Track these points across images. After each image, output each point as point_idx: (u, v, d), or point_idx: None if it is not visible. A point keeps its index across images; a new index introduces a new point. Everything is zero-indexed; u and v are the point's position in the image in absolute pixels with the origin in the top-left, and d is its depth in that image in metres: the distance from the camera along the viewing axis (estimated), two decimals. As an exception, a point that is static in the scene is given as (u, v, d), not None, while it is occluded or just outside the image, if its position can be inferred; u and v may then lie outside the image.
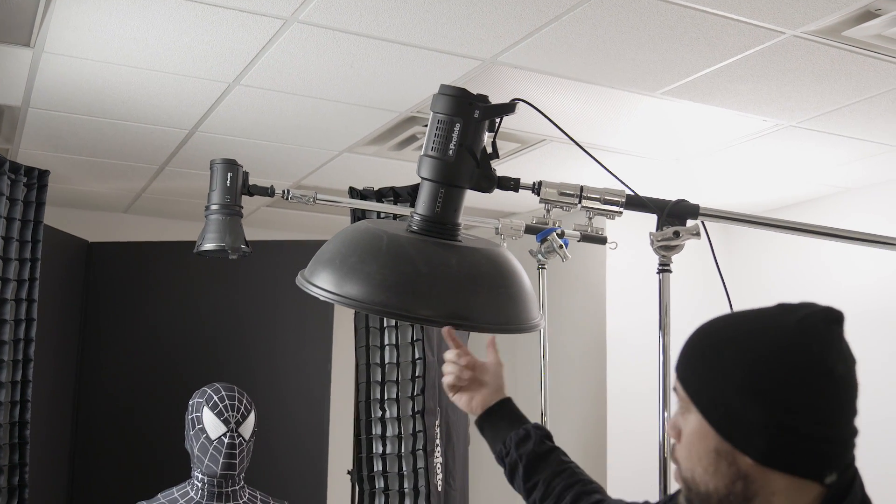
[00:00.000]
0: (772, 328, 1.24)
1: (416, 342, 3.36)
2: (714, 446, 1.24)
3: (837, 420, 1.22)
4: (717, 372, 1.25)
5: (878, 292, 4.01)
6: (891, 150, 3.71)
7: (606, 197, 1.94)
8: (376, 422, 3.41)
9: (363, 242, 1.79)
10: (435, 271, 1.75)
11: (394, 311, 1.75)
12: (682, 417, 1.30)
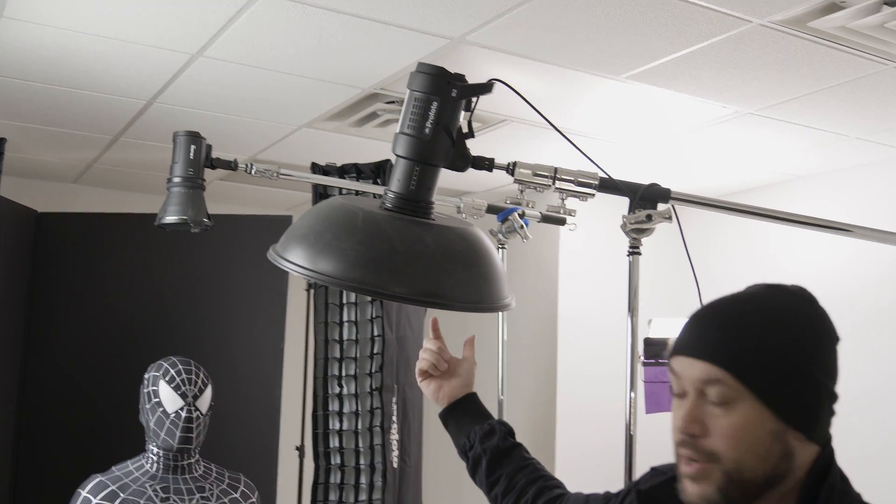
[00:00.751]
0: (792, 303, 1.29)
1: (374, 319, 3.36)
2: (770, 429, 1.22)
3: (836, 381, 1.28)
4: (774, 352, 1.24)
5: (830, 278, 4.09)
6: (845, 139, 3.78)
7: (580, 179, 1.96)
8: (333, 398, 3.41)
9: (338, 219, 1.78)
10: (411, 249, 1.75)
11: (368, 288, 1.74)
12: (717, 409, 1.25)
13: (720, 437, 1.23)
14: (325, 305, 3.44)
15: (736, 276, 2.03)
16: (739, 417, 1.22)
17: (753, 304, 1.30)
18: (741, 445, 1.22)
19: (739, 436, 1.22)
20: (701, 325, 1.30)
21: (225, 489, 2.79)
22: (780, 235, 4.50)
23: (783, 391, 1.22)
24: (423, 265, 1.74)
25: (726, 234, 4.71)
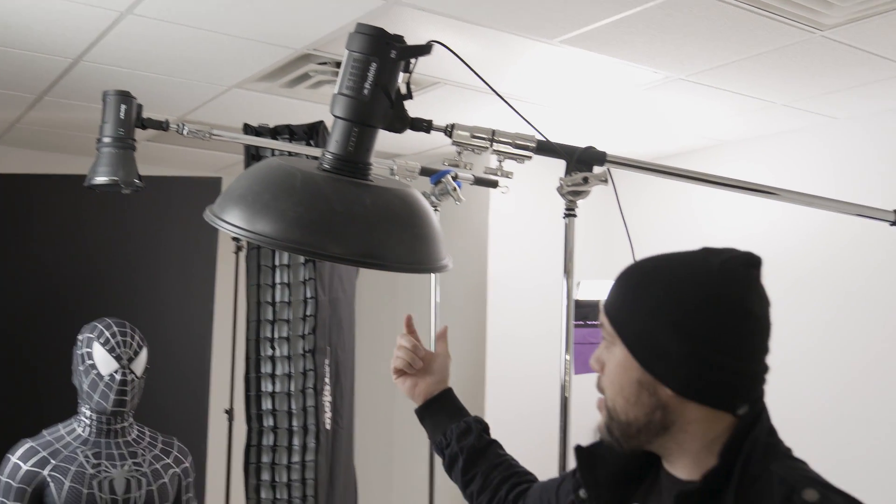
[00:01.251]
0: (697, 269, 1.32)
1: (307, 281, 3.35)
2: (637, 378, 1.32)
3: (751, 356, 1.31)
4: (643, 308, 1.32)
5: (758, 241, 4.18)
6: (772, 106, 3.86)
7: (517, 141, 1.97)
8: (266, 360, 3.40)
9: (277, 179, 1.77)
10: (350, 210, 1.75)
11: (307, 248, 1.74)
12: (607, 351, 1.38)
13: (604, 375, 1.38)
14: (257, 267, 3.42)
15: (664, 239, 2.07)
16: (614, 360, 1.35)
17: (657, 264, 1.37)
18: (613, 386, 1.35)
19: (611, 376, 1.36)
20: (615, 278, 1.41)
21: (157, 455, 2.78)
22: (708, 199, 4.58)
23: (647, 346, 1.31)
24: (362, 226, 1.75)
25: (657, 198, 4.78)
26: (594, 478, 1.46)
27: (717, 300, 1.30)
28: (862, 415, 3.81)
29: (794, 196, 2.36)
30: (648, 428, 1.33)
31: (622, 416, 1.35)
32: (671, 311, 1.30)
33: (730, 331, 1.29)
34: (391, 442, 5.21)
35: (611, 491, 1.45)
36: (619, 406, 1.35)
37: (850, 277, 3.96)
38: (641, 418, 1.33)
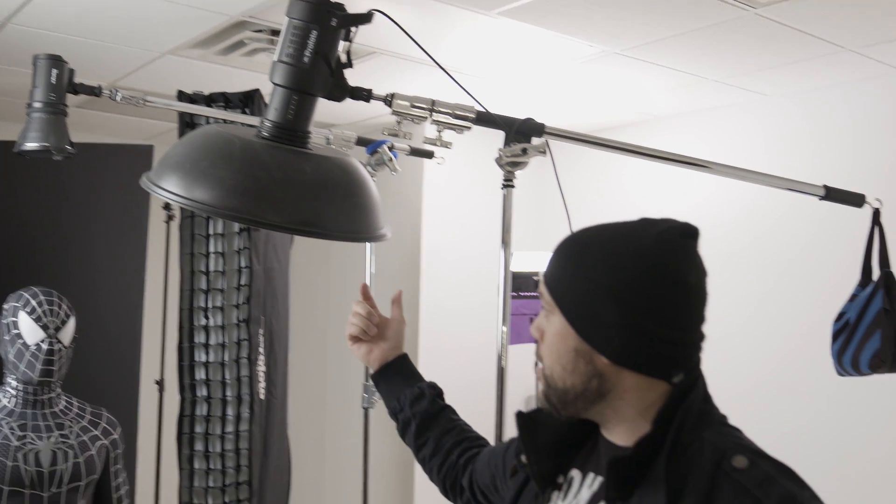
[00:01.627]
0: (633, 239, 1.34)
1: (242, 251, 3.33)
2: (574, 346, 1.34)
3: (686, 325, 1.34)
4: (580, 277, 1.34)
5: (692, 215, 4.24)
6: (704, 81, 3.91)
7: (457, 112, 1.98)
8: (200, 330, 3.38)
9: (215, 147, 1.76)
10: (289, 178, 1.74)
11: (246, 216, 1.73)
12: (546, 320, 1.40)
13: (543, 344, 1.40)
14: (190, 236, 3.38)
15: (599, 211, 2.10)
16: (553, 329, 1.37)
17: (594, 234, 1.39)
18: (551, 354, 1.38)
19: (550, 345, 1.38)
20: (554, 249, 1.43)
21: (85, 426, 2.75)
22: (643, 173, 4.64)
23: (583, 315, 1.33)
24: (302, 194, 1.74)
25: (593, 171, 4.83)
26: (534, 443, 1.47)
27: (653, 270, 1.31)
28: (796, 386, 3.90)
29: (726, 169, 2.40)
30: (585, 395, 1.35)
31: (559, 383, 1.37)
32: (607, 281, 1.31)
33: (665, 301, 1.31)
34: (324, 412, 5.21)
35: (550, 456, 1.47)
36: (556, 374, 1.37)
37: (782, 251, 4.04)
38: (578, 386, 1.35)
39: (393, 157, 3.22)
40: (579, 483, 1.43)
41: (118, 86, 4.32)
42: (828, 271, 3.76)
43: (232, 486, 3.35)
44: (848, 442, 3.70)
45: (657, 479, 1.26)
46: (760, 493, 1.20)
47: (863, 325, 2.48)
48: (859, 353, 2.47)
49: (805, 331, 3.84)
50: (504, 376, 2.08)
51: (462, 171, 4.84)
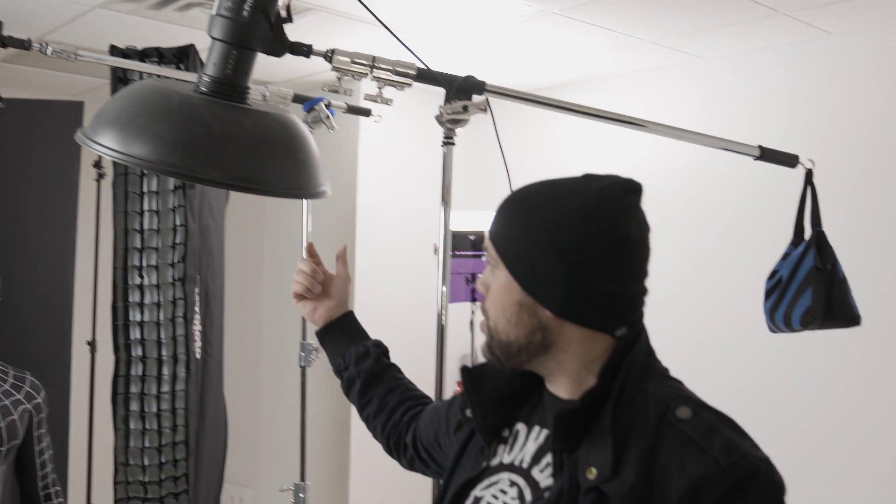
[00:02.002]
0: (577, 194, 1.36)
1: (177, 209, 3.29)
2: (518, 299, 1.36)
3: (629, 279, 1.36)
4: (524, 230, 1.35)
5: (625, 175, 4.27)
6: (640, 42, 3.93)
7: (397, 68, 1.97)
8: (134, 289, 3.34)
9: (153, 101, 1.72)
10: (229, 134, 1.72)
11: (184, 172, 1.70)
12: (491, 274, 1.41)
13: (488, 298, 1.42)
14: (124, 194, 3.33)
15: (535, 171, 2.11)
16: (497, 283, 1.39)
17: (538, 189, 1.41)
18: (496, 307, 1.39)
19: (494, 298, 1.40)
20: (499, 205, 1.44)
21: (7, 390, 2.69)
22: (579, 133, 4.67)
23: (528, 268, 1.35)
24: (242, 150, 1.72)
25: (530, 131, 4.84)
26: (479, 397, 1.49)
27: (596, 225, 1.33)
28: (735, 343, 3.96)
29: (662, 129, 2.43)
30: (528, 348, 1.37)
31: (503, 336, 1.39)
32: (551, 236, 1.33)
33: (608, 255, 1.33)
34: (258, 371, 5.19)
35: (495, 410, 1.49)
36: (500, 326, 1.39)
37: (718, 211, 4.10)
38: (522, 338, 1.37)
39: (330, 115, 3.19)
40: (525, 436, 1.45)
41: (48, 40, 4.21)
42: (762, 231, 3.82)
43: (168, 446, 3.33)
44: (790, 398, 3.77)
45: (603, 431, 1.28)
46: (704, 442, 1.23)
47: (795, 282, 2.54)
48: (791, 310, 2.53)
49: (741, 289, 3.90)
50: (444, 334, 2.09)
51: (398, 130, 4.83)
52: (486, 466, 1.47)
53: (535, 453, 1.40)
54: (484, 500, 1.42)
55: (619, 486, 1.23)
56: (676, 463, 1.22)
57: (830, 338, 3.25)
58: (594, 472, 1.26)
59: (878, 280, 3.44)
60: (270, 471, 5.09)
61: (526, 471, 1.40)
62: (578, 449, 1.30)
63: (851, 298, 2.60)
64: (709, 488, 1.19)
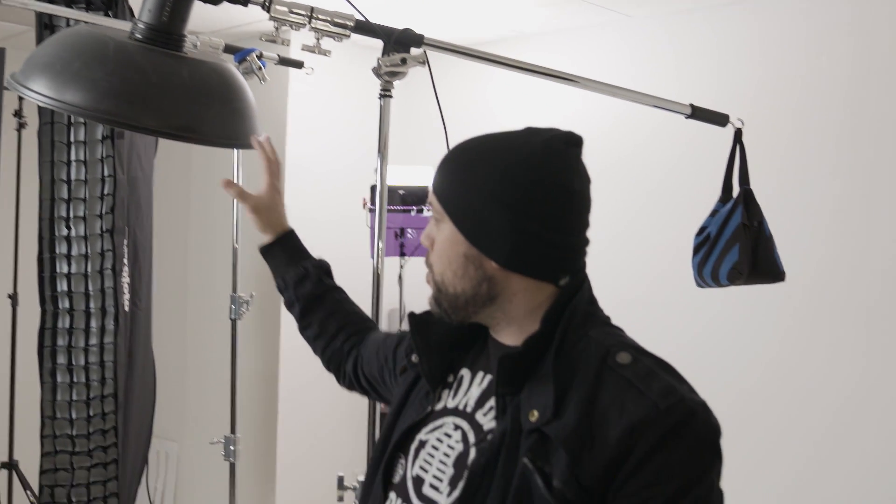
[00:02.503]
0: (519, 146, 1.38)
1: (105, 159, 3.23)
2: (464, 252, 1.38)
3: (572, 230, 1.39)
4: (468, 184, 1.37)
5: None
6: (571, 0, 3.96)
7: (336, 19, 1.95)
8: (61, 240, 3.28)
9: (87, 47, 1.70)
10: (165, 82, 1.70)
11: (120, 119, 1.68)
12: (436, 229, 1.43)
13: (434, 250, 1.43)
14: (50, 144, 3.25)
15: (464, 126, 2.12)
16: (442, 236, 1.41)
17: (482, 142, 1.42)
18: (442, 260, 1.41)
19: (440, 251, 1.42)
20: (442, 159, 1.44)
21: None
22: (511, 88, 4.67)
23: (473, 221, 1.37)
24: (179, 98, 1.71)
25: (462, 86, 4.84)
26: (426, 343, 1.51)
27: (539, 176, 1.35)
28: (668, 300, 4.01)
29: (597, 85, 2.45)
30: (475, 300, 1.39)
31: (450, 288, 1.41)
32: (494, 188, 1.35)
33: (550, 206, 1.36)
34: (185, 324, 5.15)
35: (441, 356, 1.52)
36: (447, 279, 1.41)
37: (648, 169, 4.14)
38: (469, 290, 1.39)
39: (262, 66, 3.16)
40: (469, 381, 1.48)
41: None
42: (691, 188, 3.86)
43: (97, 399, 3.30)
44: (726, 358, 3.83)
45: (545, 375, 1.32)
46: (642, 385, 1.27)
47: (723, 239, 2.59)
48: (719, 266, 2.59)
49: (672, 246, 3.93)
50: (380, 288, 2.10)
51: (328, 83, 4.78)
52: (431, 411, 1.49)
53: (478, 398, 1.43)
54: (429, 444, 1.45)
55: (560, 428, 1.26)
56: (616, 406, 1.26)
57: (761, 295, 3.34)
58: (536, 415, 1.29)
59: (802, 237, 3.52)
60: (196, 425, 5.07)
61: (470, 414, 1.43)
62: (521, 393, 1.34)
63: (777, 255, 2.66)
64: (647, 430, 1.23)
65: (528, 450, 1.28)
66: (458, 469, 1.37)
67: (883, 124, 3.43)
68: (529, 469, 1.27)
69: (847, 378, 3.49)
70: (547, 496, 1.25)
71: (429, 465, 1.43)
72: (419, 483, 1.43)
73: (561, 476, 1.25)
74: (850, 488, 3.46)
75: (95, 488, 3.35)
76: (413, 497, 1.43)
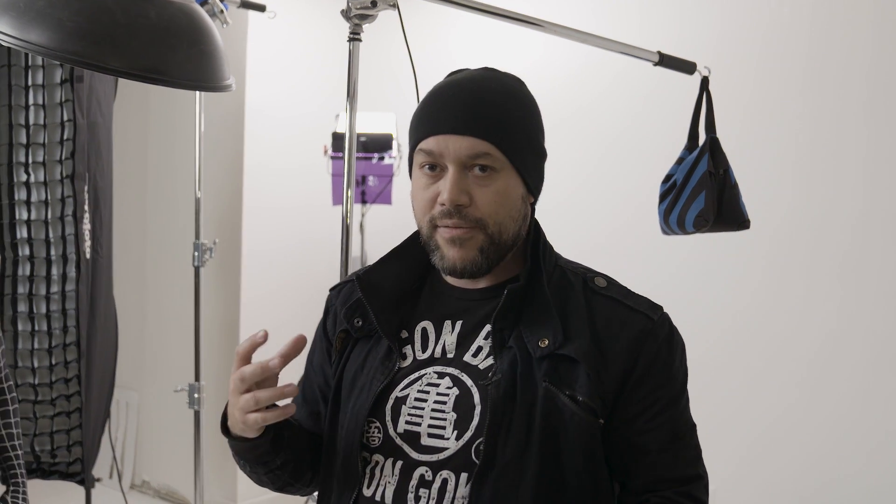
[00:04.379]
0: (520, 84, 1.49)
1: (65, 103, 3.16)
2: (521, 194, 1.42)
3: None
4: (528, 127, 1.43)
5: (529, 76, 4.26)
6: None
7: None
8: (20, 186, 3.21)
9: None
10: (133, 23, 1.67)
11: (86, 60, 1.65)
12: (482, 180, 1.38)
13: (486, 203, 1.37)
14: (8, 87, 3.18)
15: (424, 72, 2.09)
16: (498, 185, 1.38)
17: (503, 84, 1.44)
18: (503, 210, 1.39)
19: (497, 201, 1.38)
20: (464, 106, 1.38)
21: None
22: (473, 32, 4.63)
23: (530, 161, 1.42)
24: (147, 39, 1.68)
25: (424, 30, 4.80)
26: (378, 302, 1.50)
27: (535, 105, 1.47)
28: (634, 249, 4.01)
29: (563, 31, 2.44)
30: (516, 240, 1.45)
31: (506, 236, 1.41)
32: (540, 123, 1.46)
33: (543, 133, 1.48)
34: (144, 272, 5.10)
35: (393, 313, 1.51)
36: (508, 229, 1.40)
37: (613, 116, 4.12)
38: (517, 232, 1.43)
39: (224, 9, 3.11)
40: (435, 331, 1.48)
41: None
42: (657, 136, 3.86)
43: (59, 348, 3.26)
44: (699, 301, 3.84)
45: (541, 304, 1.39)
46: (630, 302, 1.42)
47: (689, 186, 2.61)
48: (685, 213, 2.61)
49: (637, 193, 3.94)
50: (349, 233, 2.09)
51: (287, 28, 4.71)
52: (399, 368, 1.47)
53: (457, 343, 1.44)
54: (410, 398, 1.43)
55: (577, 348, 1.35)
56: (615, 322, 1.39)
57: (728, 244, 3.36)
58: (547, 342, 1.36)
59: (769, 185, 3.54)
60: (156, 374, 5.04)
61: (454, 359, 1.43)
62: (516, 326, 1.40)
63: (741, 203, 2.68)
64: (648, 339, 1.38)
65: (545, 374, 1.35)
66: (463, 410, 1.38)
67: (847, 70, 3.45)
68: (552, 391, 1.34)
69: (819, 326, 3.53)
70: (577, 411, 1.33)
71: (419, 418, 1.41)
72: (413, 437, 1.41)
73: (585, 392, 1.34)
74: (823, 434, 3.52)
75: (59, 437, 3.33)
76: (410, 451, 1.40)
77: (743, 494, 3.66)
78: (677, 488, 1.39)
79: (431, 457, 1.38)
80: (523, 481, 1.32)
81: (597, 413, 1.35)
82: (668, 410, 1.39)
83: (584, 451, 1.35)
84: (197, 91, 1.82)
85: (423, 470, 1.38)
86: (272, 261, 4.70)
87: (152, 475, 5.12)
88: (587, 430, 1.34)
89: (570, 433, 1.34)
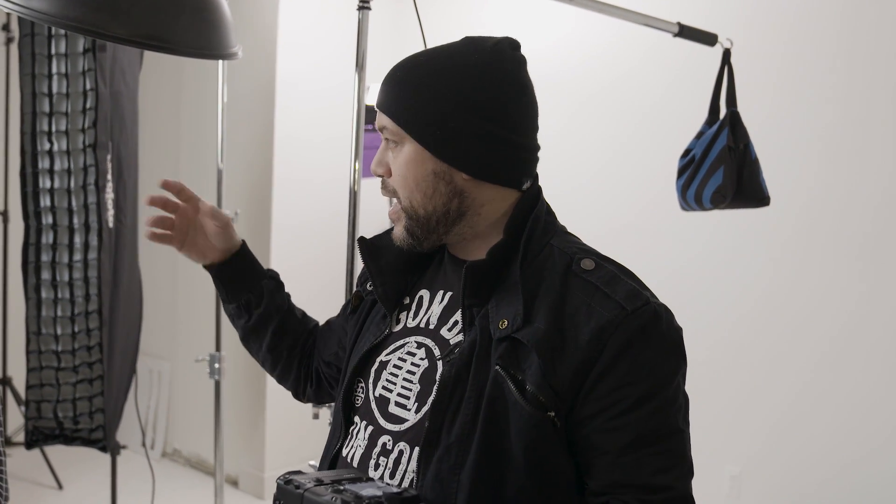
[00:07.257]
0: (472, 53, 1.37)
1: (87, 72, 3.18)
2: (432, 169, 1.36)
3: (531, 131, 1.40)
4: (428, 97, 1.34)
5: (556, 53, 4.24)
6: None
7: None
8: (44, 155, 3.24)
9: (53, -48, 1.66)
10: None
11: (88, 27, 1.65)
12: (390, 153, 1.40)
13: (395, 177, 1.39)
14: (31, 56, 3.20)
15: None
16: (403, 158, 1.37)
17: (429, 56, 1.40)
18: (407, 183, 1.37)
19: (403, 174, 1.37)
20: (385, 80, 1.41)
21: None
22: (502, 8, 4.61)
23: (439, 134, 1.34)
24: (149, 6, 1.68)
25: (451, 5, 4.77)
26: (378, 267, 1.51)
27: (499, 77, 1.35)
28: (659, 225, 3.97)
29: (583, 2, 2.40)
30: (447, 218, 1.38)
31: (421, 211, 1.38)
32: (459, 95, 1.33)
33: (512, 106, 1.36)
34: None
35: (395, 278, 1.51)
36: (417, 202, 1.38)
37: (641, 92, 4.07)
38: (440, 209, 1.37)
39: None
40: (429, 300, 1.47)
41: None
42: (683, 112, 3.80)
43: (82, 315, 3.30)
44: (723, 280, 3.81)
45: (512, 284, 1.34)
46: (608, 289, 1.30)
47: (707, 161, 2.57)
48: (703, 189, 2.57)
49: (664, 171, 3.88)
50: (357, 209, 2.08)
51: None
52: (389, 333, 1.49)
53: (441, 314, 1.43)
54: (390, 364, 1.45)
55: (531, 333, 1.28)
56: (584, 309, 1.29)
57: (753, 222, 3.31)
58: (506, 323, 1.30)
59: (794, 162, 3.49)
60: (188, 343, 5.09)
61: (433, 331, 1.43)
62: (488, 303, 1.35)
63: (762, 179, 2.64)
64: (616, 331, 1.26)
65: (499, 357, 1.29)
66: (426, 384, 1.38)
67: (878, 48, 3.38)
68: (501, 375, 1.29)
69: (840, 307, 3.49)
70: (520, 400, 1.26)
71: (392, 385, 1.43)
72: (384, 403, 1.43)
73: (533, 380, 1.26)
74: (843, 416, 3.48)
75: (81, 404, 3.37)
76: (378, 417, 1.42)
77: (765, 476, 3.63)
78: (642, 497, 1.25)
79: (394, 426, 1.39)
80: (465, 466, 1.29)
81: (545, 405, 1.26)
82: (635, 411, 1.25)
83: (525, 443, 1.27)
84: (200, 58, 1.81)
85: (385, 438, 1.39)
86: (304, 232, 4.71)
87: (183, 444, 5.18)
88: (529, 421, 1.26)
89: (511, 423, 1.28)
